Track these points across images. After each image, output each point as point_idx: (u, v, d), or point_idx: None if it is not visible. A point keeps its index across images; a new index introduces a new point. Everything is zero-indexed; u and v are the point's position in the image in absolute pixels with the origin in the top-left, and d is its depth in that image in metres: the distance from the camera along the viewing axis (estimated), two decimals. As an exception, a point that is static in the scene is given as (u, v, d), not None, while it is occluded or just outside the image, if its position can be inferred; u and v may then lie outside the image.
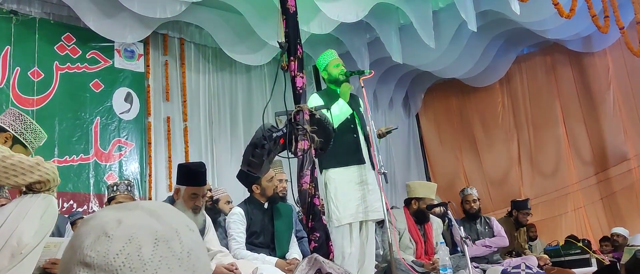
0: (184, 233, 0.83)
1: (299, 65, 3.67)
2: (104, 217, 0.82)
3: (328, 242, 3.78)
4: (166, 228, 0.81)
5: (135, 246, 0.77)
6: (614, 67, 8.75)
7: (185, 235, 0.83)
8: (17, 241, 2.42)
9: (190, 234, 0.84)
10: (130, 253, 0.77)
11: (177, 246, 0.80)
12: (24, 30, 6.22)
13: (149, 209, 0.84)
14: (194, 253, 0.82)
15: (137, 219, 0.81)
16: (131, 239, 0.78)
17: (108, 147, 6.59)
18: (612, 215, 8.60)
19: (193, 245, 0.83)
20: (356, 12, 6.80)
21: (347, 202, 4.13)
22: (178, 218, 0.86)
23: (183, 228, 0.84)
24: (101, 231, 0.79)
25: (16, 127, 3.03)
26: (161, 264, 0.78)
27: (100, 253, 0.77)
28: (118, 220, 0.80)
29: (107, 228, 0.79)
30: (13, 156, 2.53)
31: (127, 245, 0.77)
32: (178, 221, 0.85)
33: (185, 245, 0.81)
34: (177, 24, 7.42)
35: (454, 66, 8.58)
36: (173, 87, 7.37)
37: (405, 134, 10.28)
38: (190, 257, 0.81)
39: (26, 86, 6.12)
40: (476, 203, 6.10)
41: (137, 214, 0.82)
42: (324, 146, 3.50)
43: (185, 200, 3.57)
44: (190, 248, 0.82)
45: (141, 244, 0.78)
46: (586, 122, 8.98)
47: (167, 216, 0.84)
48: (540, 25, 7.72)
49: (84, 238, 0.80)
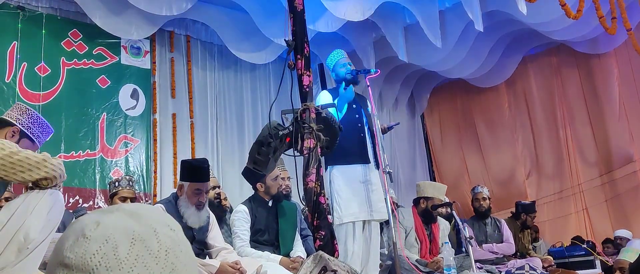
0: (163, 232, 0.85)
1: (305, 63, 3.67)
2: (85, 220, 0.85)
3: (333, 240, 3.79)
4: (144, 228, 0.84)
5: (111, 246, 0.80)
6: (621, 68, 8.72)
7: (164, 234, 0.85)
8: (23, 236, 2.44)
9: (170, 234, 0.86)
10: (106, 253, 0.80)
11: (154, 245, 0.83)
12: (31, 25, 6.24)
13: (130, 210, 0.87)
14: (172, 252, 0.84)
15: (115, 220, 0.84)
16: (108, 240, 0.81)
17: (114, 143, 6.61)
18: (616, 217, 8.57)
19: (172, 244, 0.85)
20: (362, 11, 6.80)
21: (350, 201, 4.15)
22: (159, 218, 0.88)
23: (162, 227, 0.86)
24: (80, 233, 0.82)
25: (23, 121, 3.05)
26: (137, 263, 0.80)
27: (78, 254, 0.80)
28: (96, 222, 0.83)
29: (85, 230, 0.82)
30: (20, 152, 2.54)
31: (104, 245, 0.80)
32: (158, 221, 0.87)
33: (163, 244, 0.84)
34: (184, 21, 7.43)
35: (460, 66, 8.56)
36: (179, 84, 7.38)
37: (410, 134, 10.27)
38: (168, 255, 0.83)
39: (33, 81, 6.14)
40: (486, 202, 6.11)
41: (117, 215, 0.85)
42: (329, 144, 3.51)
43: (189, 196, 3.58)
44: (168, 246, 0.84)
45: (117, 243, 0.81)
46: (592, 123, 8.95)
47: (146, 217, 0.86)
48: (547, 26, 7.70)
49: (65, 241, 0.84)
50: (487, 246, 5.86)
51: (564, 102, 9.24)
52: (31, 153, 2.58)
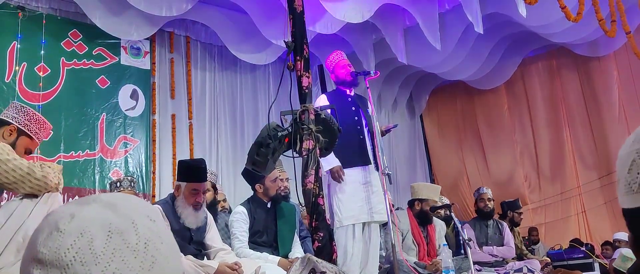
0: (142, 224, 0.81)
1: (305, 65, 3.68)
2: (59, 212, 0.81)
3: (332, 242, 3.79)
4: (121, 220, 0.80)
5: (86, 240, 0.76)
6: (620, 71, 8.73)
7: (143, 226, 0.81)
8: (23, 237, 2.44)
9: (149, 225, 0.82)
10: (81, 247, 0.76)
11: (133, 238, 0.79)
12: (31, 25, 6.24)
13: (107, 201, 0.83)
14: (152, 244, 0.80)
15: (91, 212, 0.80)
16: (83, 233, 0.77)
17: (113, 143, 6.61)
18: (615, 219, 8.57)
19: (151, 236, 0.81)
20: (362, 13, 6.81)
21: (350, 203, 4.14)
22: (138, 208, 0.84)
23: (141, 218, 0.82)
24: (54, 227, 0.79)
25: (20, 119, 3.04)
26: (114, 257, 0.77)
27: (52, 248, 0.77)
28: (71, 214, 0.79)
29: (59, 223, 0.79)
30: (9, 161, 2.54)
31: (79, 239, 0.76)
32: (137, 211, 0.83)
33: (142, 236, 0.80)
34: (184, 22, 7.43)
35: (460, 68, 8.57)
36: (179, 84, 7.39)
37: (409, 136, 10.28)
38: (148, 248, 0.80)
39: (33, 81, 6.14)
40: (491, 202, 6.11)
41: (93, 207, 0.81)
42: (328, 146, 3.51)
43: (186, 196, 3.58)
44: (147, 238, 0.80)
45: (93, 237, 0.77)
46: (591, 126, 8.97)
47: (124, 208, 0.82)
48: (547, 28, 7.71)
49: (38, 235, 0.80)
50: (488, 248, 5.86)
51: (563, 104, 9.25)
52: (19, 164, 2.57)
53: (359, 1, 6.77)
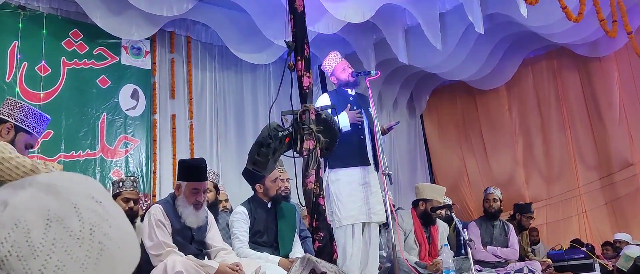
0: (85, 207, 0.72)
1: (305, 65, 3.68)
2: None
3: (332, 242, 3.79)
4: (61, 204, 0.70)
5: (22, 231, 0.68)
6: (621, 72, 8.73)
7: (87, 209, 0.72)
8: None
9: (94, 207, 0.73)
10: (16, 240, 0.67)
11: (75, 224, 0.70)
12: (32, 25, 6.24)
13: (45, 184, 0.73)
14: (98, 228, 0.71)
15: (26, 198, 0.70)
16: (18, 224, 0.68)
17: (114, 143, 6.61)
18: (616, 220, 8.57)
19: (97, 219, 0.72)
20: (363, 13, 6.80)
21: (349, 204, 4.14)
22: (80, 189, 0.74)
23: (85, 200, 0.73)
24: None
25: (15, 116, 3.01)
26: (55, 248, 0.68)
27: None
28: (4, 202, 0.70)
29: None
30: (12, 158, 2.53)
31: (14, 231, 0.67)
32: (79, 193, 0.73)
33: (86, 221, 0.71)
34: (184, 21, 7.43)
35: (460, 68, 8.57)
36: (179, 84, 7.39)
37: (410, 136, 10.27)
38: (94, 234, 0.71)
39: (33, 81, 6.14)
40: (496, 203, 6.12)
41: (28, 192, 0.71)
42: (329, 146, 3.51)
43: (187, 196, 3.58)
44: (93, 223, 0.71)
45: (30, 227, 0.68)
46: (592, 126, 8.96)
47: (65, 190, 0.72)
48: (548, 29, 7.70)
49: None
50: (492, 248, 5.86)
51: (564, 105, 9.25)
52: (22, 162, 2.56)
53: (359, 1, 6.76)
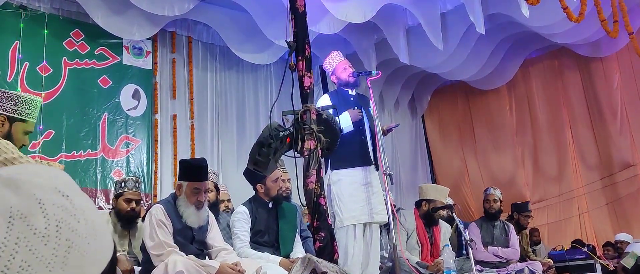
0: (51, 202, 0.66)
1: (306, 65, 3.68)
2: None
3: (333, 242, 3.78)
4: (25, 200, 0.65)
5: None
6: (622, 72, 8.72)
7: (53, 204, 0.66)
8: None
9: (60, 202, 0.67)
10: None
11: (40, 221, 0.64)
12: (33, 25, 6.25)
13: (6, 178, 0.67)
14: (66, 225, 0.66)
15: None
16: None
17: (115, 143, 6.62)
18: (617, 220, 8.57)
19: (64, 215, 0.67)
20: (364, 13, 6.80)
21: (351, 204, 4.14)
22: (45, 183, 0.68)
23: (50, 194, 0.67)
24: None
25: (6, 106, 2.93)
26: (19, 248, 0.63)
27: None
28: None
29: None
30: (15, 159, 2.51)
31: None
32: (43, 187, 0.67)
33: (51, 217, 0.65)
34: (185, 22, 7.44)
35: (461, 68, 8.56)
36: (180, 84, 7.39)
37: (411, 136, 10.27)
38: (61, 231, 0.65)
39: (34, 81, 6.14)
40: (497, 203, 6.12)
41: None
42: (330, 146, 3.51)
43: (188, 195, 3.58)
44: (59, 219, 0.66)
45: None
46: (593, 127, 8.96)
47: (28, 184, 0.67)
48: (549, 29, 7.70)
49: None
50: (492, 249, 5.86)
51: (565, 105, 9.24)
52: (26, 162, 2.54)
53: (360, 1, 6.77)
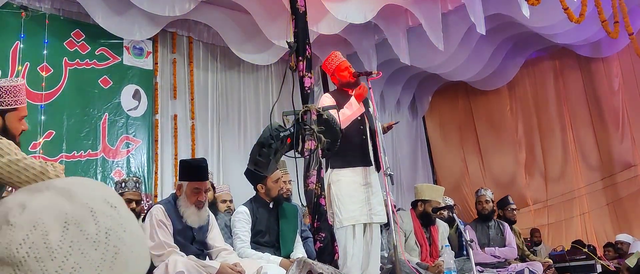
0: (102, 211, 0.74)
1: (307, 65, 3.68)
2: (9, 202, 0.73)
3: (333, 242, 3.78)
4: (78, 208, 0.73)
5: (40, 233, 0.69)
6: (623, 72, 8.72)
7: (103, 214, 0.74)
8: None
9: (110, 212, 0.75)
10: (35, 242, 0.69)
11: (92, 228, 0.72)
12: (34, 25, 6.25)
13: (61, 188, 0.75)
14: (114, 233, 0.74)
15: (44, 201, 0.72)
16: (36, 226, 0.70)
17: (116, 143, 6.62)
18: (618, 221, 8.57)
19: (113, 224, 0.74)
20: (364, 14, 6.80)
21: (350, 204, 4.13)
22: (96, 194, 0.77)
23: (101, 205, 0.75)
24: (3, 220, 0.71)
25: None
26: (72, 250, 0.70)
27: (2, 244, 0.69)
28: (22, 205, 0.72)
29: (9, 215, 0.71)
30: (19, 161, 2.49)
31: (32, 233, 0.69)
32: (95, 198, 0.76)
33: (102, 225, 0.73)
34: (186, 22, 7.44)
35: (462, 69, 8.56)
36: (181, 85, 7.39)
37: (412, 136, 10.27)
38: (109, 238, 0.73)
39: (35, 81, 6.14)
40: (489, 204, 6.11)
41: (46, 196, 0.73)
42: (330, 146, 3.51)
43: (188, 195, 3.59)
44: (108, 227, 0.74)
45: (48, 229, 0.70)
46: (594, 127, 8.96)
47: (81, 194, 0.75)
48: (550, 29, 7.70)
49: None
50: (490, 249, 5.85)
51: (565, 105, 9.24)
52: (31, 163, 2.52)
53: (361, 1, 6.76)
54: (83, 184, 0.77)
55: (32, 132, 5.93)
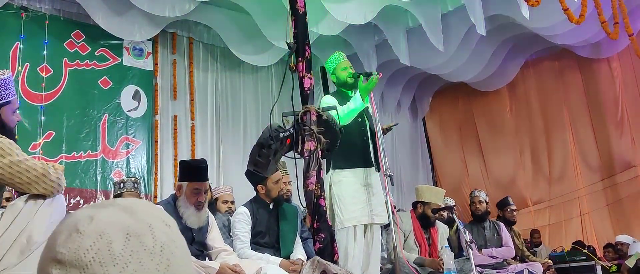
0: (158, 228, 0.84)
1: (307, 66, 3.68)
2: (78, 215, 0.84)
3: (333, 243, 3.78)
4: (139, 223, 0.83)
5: (105, 242, 0.79)
6: (623, 73, 8.72)
7: (160, 230, 0.84)
8: (26, 239, 2.43)
9: (165, 229, 0.85)
10: (100, 248, 0.78)
11: (150, 241, 0.81)
12: (34, 26, 6.25)
13: (124, 205, 0.85)
14: (167, 248, 0.83)
15: (109, 215, 0.83)
16: (102, 235, 0.79)
17: (115, 144, 6.62)
18: (617, 221, 8.57)
19: (167, 240, 0.84)
20: (365, 14, 6.80)
21: (351, 205, 4.13)
22: (154, 213, 0.87)
23: (158, 223, 0.85)
24: (73, 228, 0.81)
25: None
26: (132, 259, 0.79)
27: (71, 249, 0.79)
28: (90, 217, 0.82)
29: (79, 225, 0.81)
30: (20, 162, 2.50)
31: (98, 240, 0.79)
32: (153, 216, 0.86)
33: (158, 240, 0.82)
34: (186, 23, 7.44)
35: (462, 70, 8.56)
36: (181, 85, 7.39)
37: (412, 137, 10.27)
38: (164, 251, 0.82)
39: (35, 82, 6.15)
40: (482, 205, 6.10)
41: (111, 210, 0.84)
42: (330, 147, 3.51)
43: (188, 196, 3.58)
44: (163, 242, 0.83)
45: (112, 239, 0.79)
46: (594, 128, 8.96)
47: (141, 212, 0.85)
48: (550, 30, 7.70)
49: (58, 236, 0.82)
50: (487, 250, 5.85)
51: (565, 106, 9.24)
52: (32, 165, 2.53)
53: (361, 2, 6.76)
54: (142, 204, 0.88)
55: (32, 132, 5.93)
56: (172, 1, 6.39)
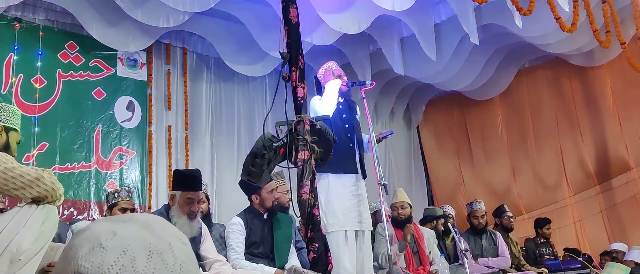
0: (177, 246, 0.86)
1: (300, 75, 3.69)
2: (99, 228, 0.84)
3: (327, 253, 3.78)
4: (159, 241, 0.84)
5: (129, 258, 0.80)
6: (615, 81, 8.77)
7: (178, 248, 0.86)
8: (16, 248, 2.43)
9: (182, 247, 0.87)
10: (124, 265, 0.79)
11: (170, 259, 0.83)
12: (28, 37, 6.25)
13: (143, 222, 0.87)
14: (185, 266, 0.85)
15: (131, 231, 0.84)
16: (126, 251, 0.80)
17: (109, 155, 6.60)
18: (612, 228, 8.58)
19: (184, 258, 0.86)
20: (358, 24, 6.82)
21: (336, 210, 4.15)
22: (171, 230, 0.89)
23: (175, 240, 0.87)
24: (96, 242, 0.81)
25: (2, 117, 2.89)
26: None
27: (95, 263, 0.79)
28: (113, 232, 0.83)
29: (101, 239, 0.81)
30: (15, 168, 2.52)
31: (122, 256, 0.80)
32: (171, 234, 0.88)
33: (177, 258, 0.84)
34: (180, 33, 7.45)
35: (456, 79, 8.59)
36: (175, 96, 7.39)
37: (406, 146, 10.28)
38: (183, 269, 0.84)
39: (29, 93, 6.14)
40: (484, 219, 6.11)
41: (132, 226, 0.85)
42: (324, 156, 3.51)
43: (181, 206, 3.57)
44: (182, 261, 0.85)
45: (135, 255, 0.80)
46: (587, 136, 8.99)
47: (160, 229, 0.87)
48: (542, 39, 7.74)
49: (79, 249, 0.82)
50: (483, 260, 5.85)
51: (559, 114, 9.27)
52: (26, 170, 2.55)
53: (355, 12, 6.78)
54: (158, 221, 0.90)
55: (26, 144, 5.92)
56: (166, 12, 6.38)
